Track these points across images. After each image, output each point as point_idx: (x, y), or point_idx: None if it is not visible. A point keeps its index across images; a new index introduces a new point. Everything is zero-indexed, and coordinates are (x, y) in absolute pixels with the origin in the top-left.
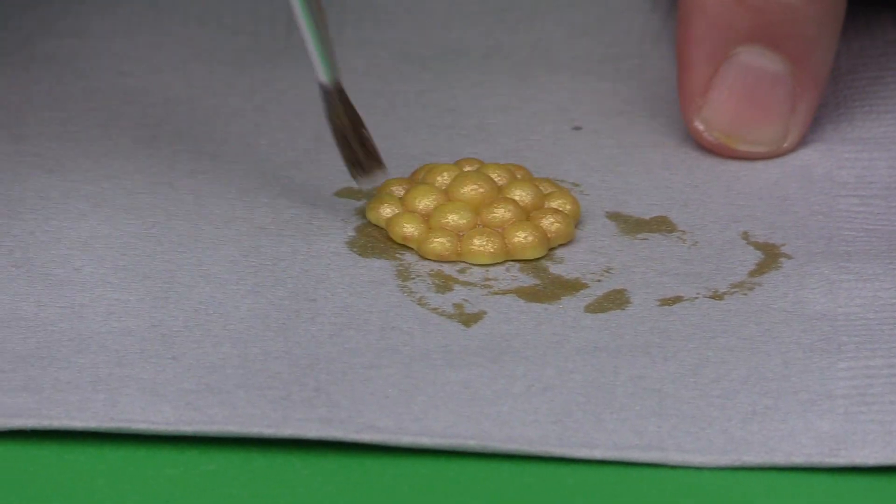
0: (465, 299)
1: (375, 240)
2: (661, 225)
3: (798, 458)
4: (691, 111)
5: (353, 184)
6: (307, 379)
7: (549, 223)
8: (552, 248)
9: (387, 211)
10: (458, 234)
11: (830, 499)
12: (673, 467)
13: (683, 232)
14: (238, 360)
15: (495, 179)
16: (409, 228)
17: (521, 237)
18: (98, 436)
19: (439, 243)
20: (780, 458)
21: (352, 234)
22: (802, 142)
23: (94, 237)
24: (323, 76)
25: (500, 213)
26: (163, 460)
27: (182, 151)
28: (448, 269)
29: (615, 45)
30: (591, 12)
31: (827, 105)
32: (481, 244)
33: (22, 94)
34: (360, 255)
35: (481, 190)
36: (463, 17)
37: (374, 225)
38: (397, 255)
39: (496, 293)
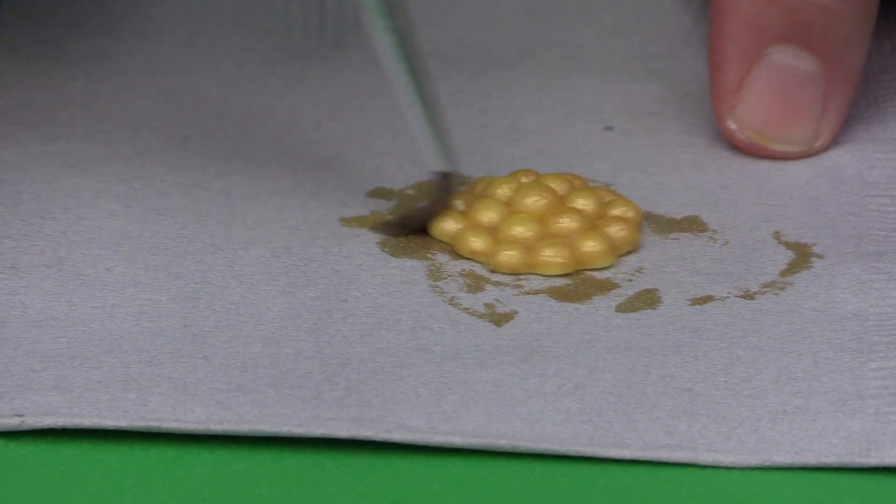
0: (496, 299)
1: (407, 240)
2: (693, 225)
3: (828, 458)
4: (724, 110)
5: (385, 184)
6: (338, 378)
7: (615, 231)
8: (620, 255)
9: (451, 226)
10: (527, 246)
11: (861, 499)
12: (703, 467)
13: (715, 232)
14: (269, 360)
15: (556, 189)
16: (477, 242)
17: (591, 246)
18: (128, 435)
19: (509, 256)
20: (810, 458)
21: (383, 234)
22: (834, 142)
23: (125, 237)
24: (438, 165)
25: (566, 222)
26: (193, 459)
27: (213, 152)
28: (480, 269)
29: (646, 45)
30: (623, 13)
31: (858, 105)
32: (552, 255)
33: (53, 93)
34: (391, 255)
35: (544, 200)
36: (495, 19)
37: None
38: (429, 255)
39: (527, 293)
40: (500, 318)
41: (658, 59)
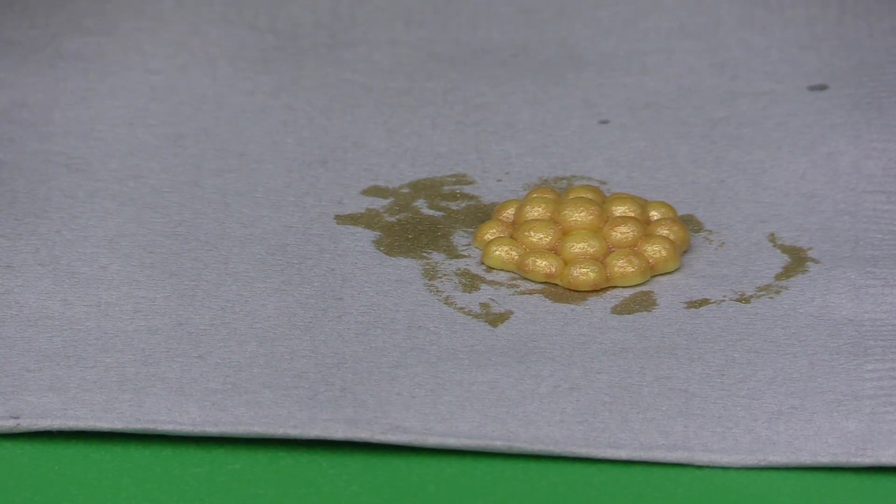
0: (491, 299)
1: (402, 238)
2: (688, 224)
3: (824, 458)
4: None
5: (380, 182)
6: (333, 378)
7: (669, 233)
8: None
9: (508, 253)
10: (596, 261)
11: (856, 498)
12: (699, 467)
13: (710, 232)
14: (264, 359)
15: (590, 197)
16: (548, 265)
17: (657, 251)
18: (124, 434)
19: (585, 273)
20: (805, 458)
21: (378, 232)
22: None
23: (120, 235)
24: None
25: (627, 231)
26: (189, 459)
27: (209, 150)
28: (475, 268)
29: (641, 41)
30: (618, 11)
31: (856, 95)
32: (626, 266)
33: (49, 92)
34: (386, 253)
35: (592, 216)
36: (490, 17)
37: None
38: (424, 253)
39: (523, 293)
40: (495, 319)
41: (653, 55)
